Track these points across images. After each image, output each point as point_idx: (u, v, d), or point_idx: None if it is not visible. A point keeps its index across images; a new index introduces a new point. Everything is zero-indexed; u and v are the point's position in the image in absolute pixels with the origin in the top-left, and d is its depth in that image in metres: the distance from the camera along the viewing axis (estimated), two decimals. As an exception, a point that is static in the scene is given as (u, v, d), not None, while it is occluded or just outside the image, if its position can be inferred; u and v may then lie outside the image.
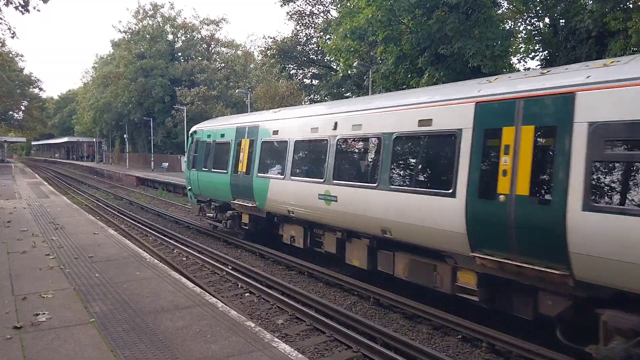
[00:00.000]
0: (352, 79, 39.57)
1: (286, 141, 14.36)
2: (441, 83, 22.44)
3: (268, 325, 10.06)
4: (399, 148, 10.63)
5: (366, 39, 29.06)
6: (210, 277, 13.84)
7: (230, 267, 14.60)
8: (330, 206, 12.18)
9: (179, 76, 65.67)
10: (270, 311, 10.98)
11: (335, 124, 12.39)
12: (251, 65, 69.89)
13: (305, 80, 52.03)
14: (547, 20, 27.63)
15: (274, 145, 15.32)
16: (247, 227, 17.34)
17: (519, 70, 28.51)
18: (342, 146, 12.42)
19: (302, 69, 51.69)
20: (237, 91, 51.20)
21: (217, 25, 73.48)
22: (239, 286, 12.86)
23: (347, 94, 41.45)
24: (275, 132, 15.15)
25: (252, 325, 7.54)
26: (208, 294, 9.43)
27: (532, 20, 28.68)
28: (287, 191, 14.04)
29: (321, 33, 45.87)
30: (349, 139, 12.22)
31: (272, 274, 14.07)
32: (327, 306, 10.85)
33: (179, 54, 73.84)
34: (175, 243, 18.39)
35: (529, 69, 29.72)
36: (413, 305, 10.58)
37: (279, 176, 14.45)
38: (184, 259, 16.11)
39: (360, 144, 12.15)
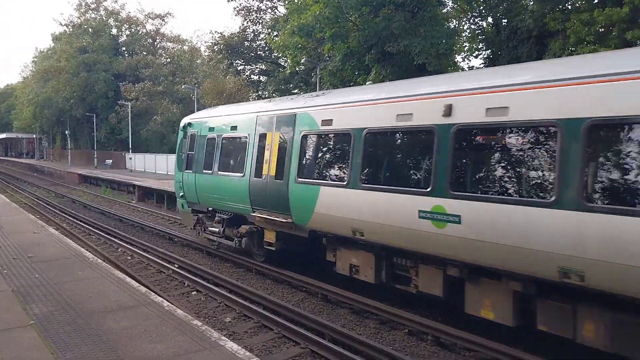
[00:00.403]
0: (299, 76, 39.69)
1: (348, 134, 10.42)
2: (388, 80, 22.76)
3: (215, 323, 9.97)
4: (605, 142, 6.84)
5: (314, 36, 29.17)
6: (156, 276, 13.59)
7: (176, 266, 14.39)
8: (445, 230, 8.30)
9: (123, 71, 64.02)
10: (218, 309, 10.89)
11: (449, 107, 8.41)
12: (198, 61, 68.74)
13: (252, 76, 51.78)
14: (490, 19, 28.53)
15: (325, 139, 11.51)
16: (272, 248, 13.22)
17: (463, 69, 29.29)
18: (468, 140, 8.43)
19: (250, 65, 51.41)
20: (183, 87, 50.32)
21: (163, 20, 71.88)
22: (186, 285, 12.68)
23: (295, 90, 41.51)
24: (327, 122, 11.11)
25: (199, 324, 7.48)
26: (154, 293, 9.32)
27: (476, 20, 29.56)
28: (355, 205, 10.07)
29: (269, 29, 45.73)
30: (483, 128, 8.18)
31: (220, 271, 13.93)
32: (276, 303, 10.84)
33: (123, 48, 71.90)
34: (119, 242, 17.95)
35: (472, 67, 30.54)
36: (360, 300, 10.69)
37: (339, 183, 10.57)
38: (129, 257, 15.77)
39: (508, 137, 7.90)
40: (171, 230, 20.18)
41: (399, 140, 9.82)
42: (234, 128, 14.49)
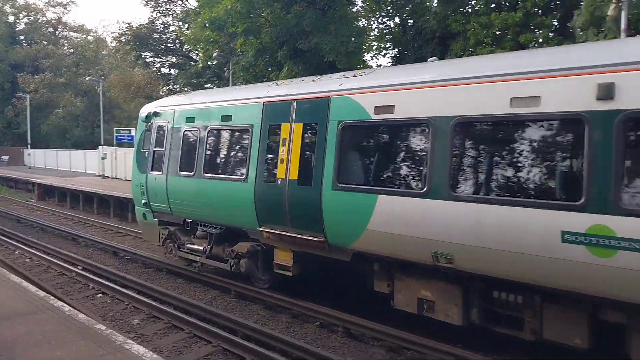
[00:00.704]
0: (212, 70, 39.11)
1: (424, 123, 7.85)
2: (300, 77, 22.94)
3: (123, 326, 9.63)
4: None
5: (226, 30, 28.88)
6: (58, 279, 12.92)
7: (80, 268, 13.74)
8: (613, 260, 6.01)
9: (21, 61, 60.47)
10: (125, 311, 10.52)
11: (609, 87, 6.08)
12: (104, 52, 66.18)
13: (163, 69, 50.47)
14: (397, 20, 29.44)
15: (381, 131, 8.77)
16: (287, 273, 10.40)
17: (372, 67, 30.03)
18: None
19: (160, 58, 50.02)
20: (87, 79, 48.22)
21: (65, 8, 68.84)
22: (90, 287, 12.15)
23: (208, 85, 40.86)
24: (385, 109, 8.39)
25: (103, 327, 7.21)
26: (54, 298, 8.88)
27: (384, 20, 30.43)
28: (440, 221, 7.49)
29: (180, 22, 44.76)
30: None
31: (128, 272, 13.46)
32: (187, 302, 10.64)
33: (21, 37, 67.91)
34: (16, 244, 16.89)
35: (380, 65, 31.39)
36: (273, 295, 10.73)
37: (411, 190, 7.97)
38: (27, 260, 14.89)
39: None
40: (75, 230, 19.29)
41: (518, 133, 7.00)
42: (226, 118, 11.45)
